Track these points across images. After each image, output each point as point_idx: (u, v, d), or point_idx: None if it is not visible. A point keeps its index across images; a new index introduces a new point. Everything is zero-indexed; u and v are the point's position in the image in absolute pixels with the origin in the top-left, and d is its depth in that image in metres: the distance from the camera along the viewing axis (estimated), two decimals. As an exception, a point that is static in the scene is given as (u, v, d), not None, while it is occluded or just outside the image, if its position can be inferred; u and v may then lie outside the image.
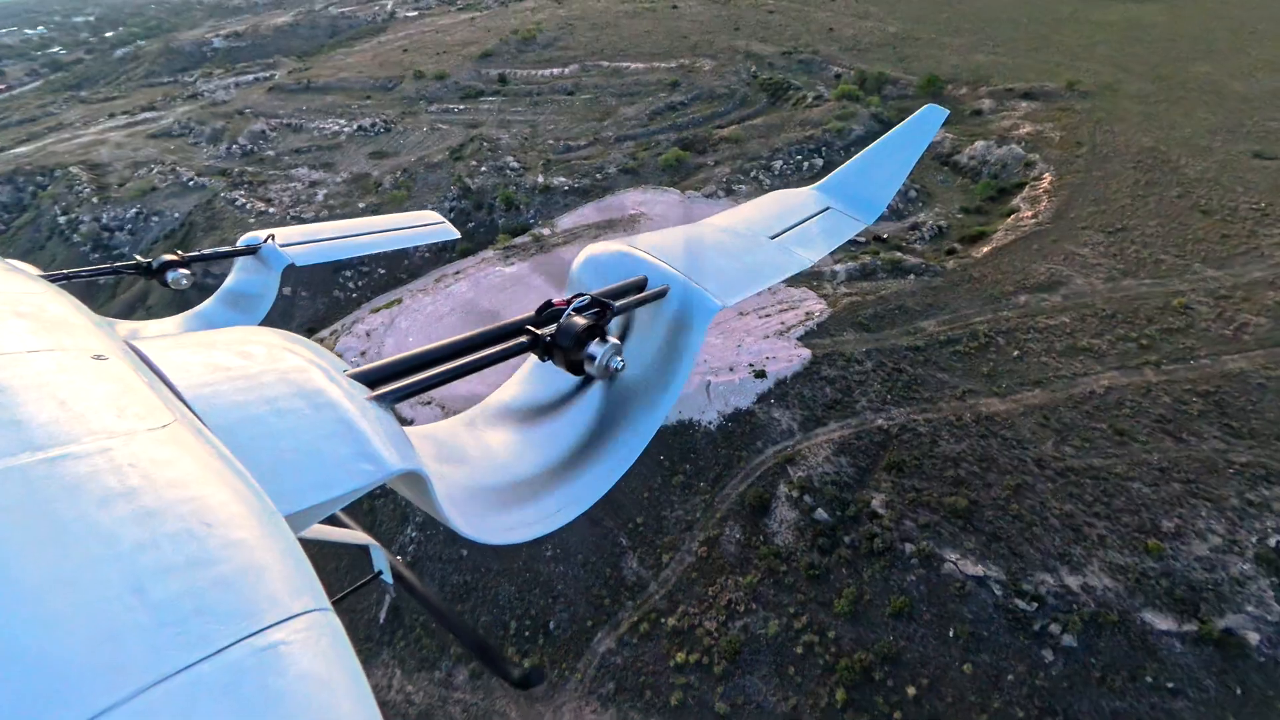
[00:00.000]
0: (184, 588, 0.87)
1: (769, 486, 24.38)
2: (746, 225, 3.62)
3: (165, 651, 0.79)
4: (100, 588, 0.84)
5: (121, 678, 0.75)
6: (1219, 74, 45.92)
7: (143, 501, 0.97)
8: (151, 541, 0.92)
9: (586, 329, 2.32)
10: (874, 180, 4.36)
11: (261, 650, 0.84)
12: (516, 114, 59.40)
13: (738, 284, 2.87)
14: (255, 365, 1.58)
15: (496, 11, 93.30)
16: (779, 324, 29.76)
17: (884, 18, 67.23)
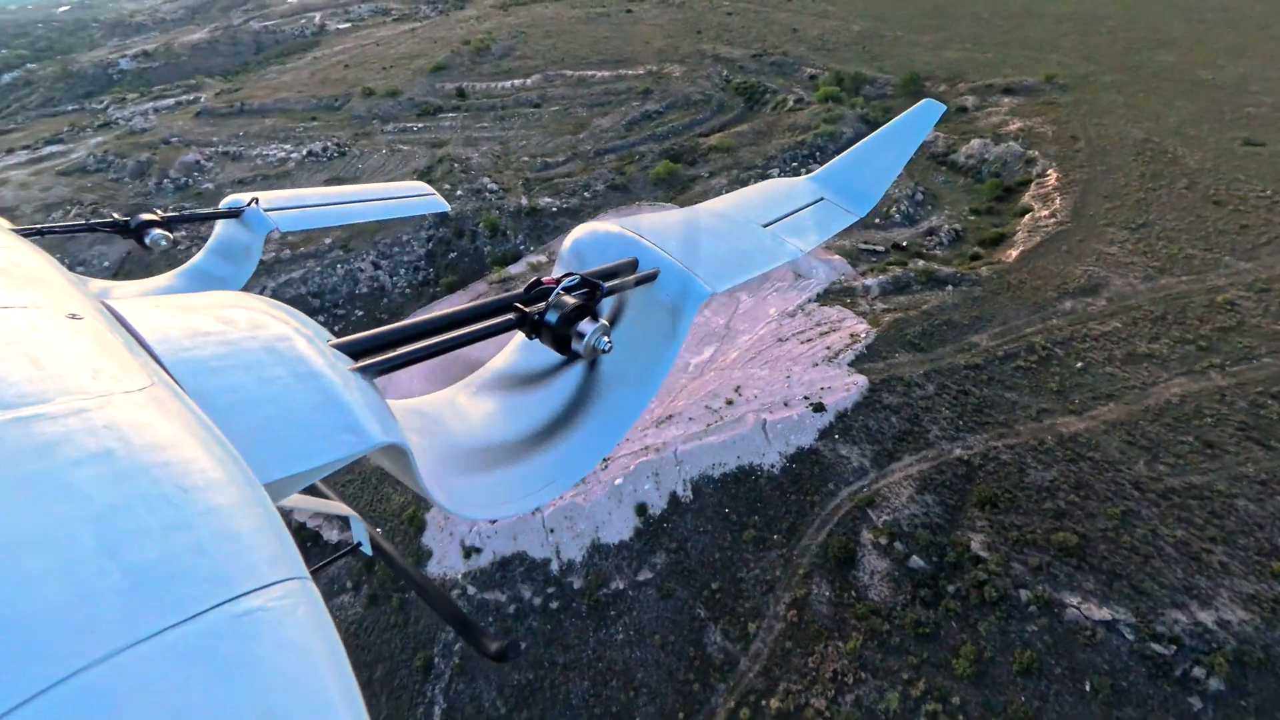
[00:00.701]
0: (159, 552, 0.85)
1: (851, 534, 22.40)
2: (739, 212, 3.43)
3: (139, 615, 0.78)
4: (73, 549, 0.82)
5: (94, 639, 0.74)
6: (1184, 63, 47.24)
7: (118, 464, 0.94)
8: (126, 505, 0.89)
9: (575, 309, 2.26)
10: (868, 173, 4.16)
11: (238, 616, 0.83)
12: (482, 130, 55.72)
13: (729, 270, 2.80)
14: (236, 331, 1.53)
15: (437, 21, 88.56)
16: (824, 349, 27.87)
17: (846, 16, 66.98)
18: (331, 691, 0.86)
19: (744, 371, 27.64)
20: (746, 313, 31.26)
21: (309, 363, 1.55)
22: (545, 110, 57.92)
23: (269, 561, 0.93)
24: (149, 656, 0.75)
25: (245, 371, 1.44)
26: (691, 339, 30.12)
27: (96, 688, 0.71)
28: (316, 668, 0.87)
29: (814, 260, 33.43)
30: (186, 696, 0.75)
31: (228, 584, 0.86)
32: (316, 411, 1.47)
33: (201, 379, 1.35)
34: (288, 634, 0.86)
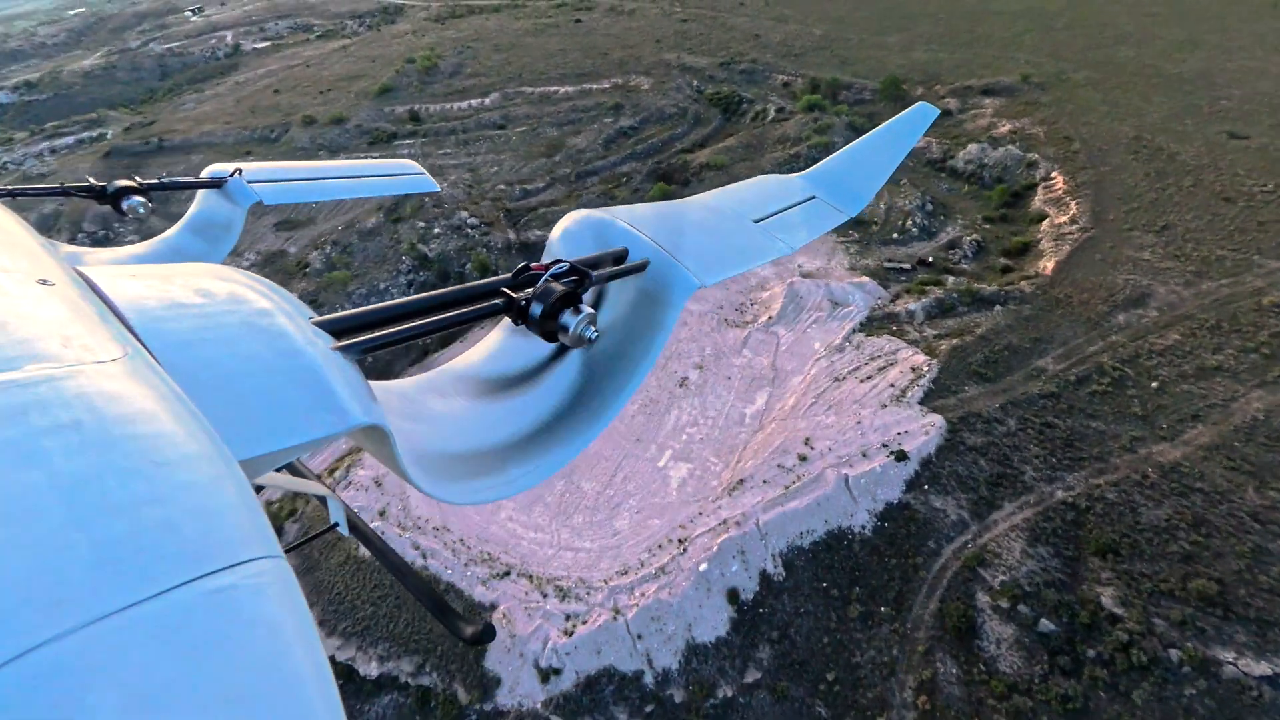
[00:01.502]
0: (130, 526, 0.84)
1: (965, 598, 20.55)
2: (731, 206, 3.36)
3: (107, 588, 0.77)
4: (40, 519, 0.81)
5: (59, 612, 0.73)
6: (1144, 57, 48.62)
7: (89, 436, 0.92)
8: (97, 477, 0.88)
9: (563, 296, 2.21)
10: (861, 174, 3.99)
11: (209, 593, 0.82)
12: (446, 157, 51.45)
13: (719, 264, 2.76)
14: (215, 304, 1.51)
15: (369, 38, 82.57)
16: (889, 386, 26.02)
17: (804, 20, 66.30)
18: (303, 671, 0.84)
19: (809, 420, 25.43)
20: (790, 349, 29.11)
21: (289, 339, 1.51)
22: (511, 131, 54.17)
23: (242, 539, 0.91)
24: (117, 631, 0.74)
25: (223, 346, 1.42)
26: (739, 385, 27.67)
27: (62, 660, 0.70)
28: (288, 647, 0.85)
29: (847, 286, 31.68)
30: (154, 672, 0.73)
31: (199, 560, 0.84)
32: (296, 389, 1.44)
33: (177, 352, 1.32)
34: (259, 612, 0.85)
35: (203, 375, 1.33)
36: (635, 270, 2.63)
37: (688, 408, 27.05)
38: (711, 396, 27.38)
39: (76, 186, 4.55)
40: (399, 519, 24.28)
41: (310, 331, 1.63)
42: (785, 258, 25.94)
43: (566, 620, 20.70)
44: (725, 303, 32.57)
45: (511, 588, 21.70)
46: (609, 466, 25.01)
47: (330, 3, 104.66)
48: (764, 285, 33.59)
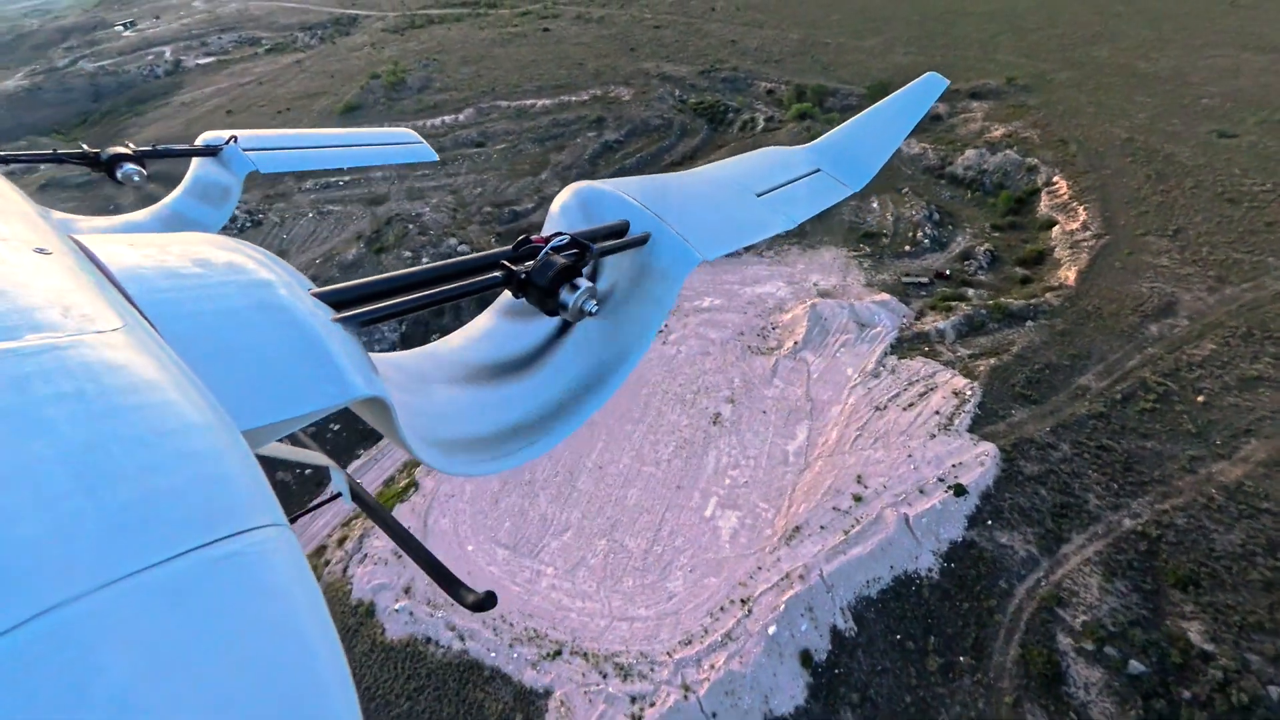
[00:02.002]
0: (136, 493, 0.85)
1: (1046, 641, 19.62)
2: (734, 179, 3.30)
3: (115, 554, 0.78)
4: (46, 486, 0.82)
5: (69, 577, 0.74)
6: (1119, 56, 49.46)
7: (92, 405, 0.92)
8: (102, 445, 0.88)
9: (563, 269, 2.17)
10: (867, 146, 3.90)
11: (217, 560, 0.83)
12: (424, 179, 48.74)
13: (721, 238, 2.72)
14: (214, 273, 1.50)
15: (325, 52, 78.50)
16: (934, 414, 25.04)
17: (779, 25, 65.66)
18: (311, 636, 0.85)
19: (857, 456, 24.23)
20: (822, 376, 27.91)
21: (290, 310, 1.51)
22: (491, 149, 51.76)
23: (247, 507, 0.92)
24: (126, 595, 0.75)
25: (223, 317, 1.41)
26: (776, 419, 26.29)
27: (73, 624, 0.70)
28: (295, 613, 0.86)
29: (871, 305, 30.70)
30: (164, 636, 0.74)
31: (206, 528, 0.85)
32: (297, 360, 1.43)
33: (177, 322, 1.32)
34: (267, 579, 0.86)
35: (203, 346, 1.31)
36: (636, 244, 2.61)
37: (726, 447, 25.54)
38: (749, 434, 25.94)
39: (70, 153, 4.49)
40: (427, 595, 22.06)
41: (311, 303, 1.62)
42: (800, 275, 24.46)
43: (633, 704, 18.92)
44: (746, 328, 31.22)
45: (565, 669, 19.79)
46: (652, 520, 23.31)
47: (276, 14, 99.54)
48: (783, 307, 32.38)
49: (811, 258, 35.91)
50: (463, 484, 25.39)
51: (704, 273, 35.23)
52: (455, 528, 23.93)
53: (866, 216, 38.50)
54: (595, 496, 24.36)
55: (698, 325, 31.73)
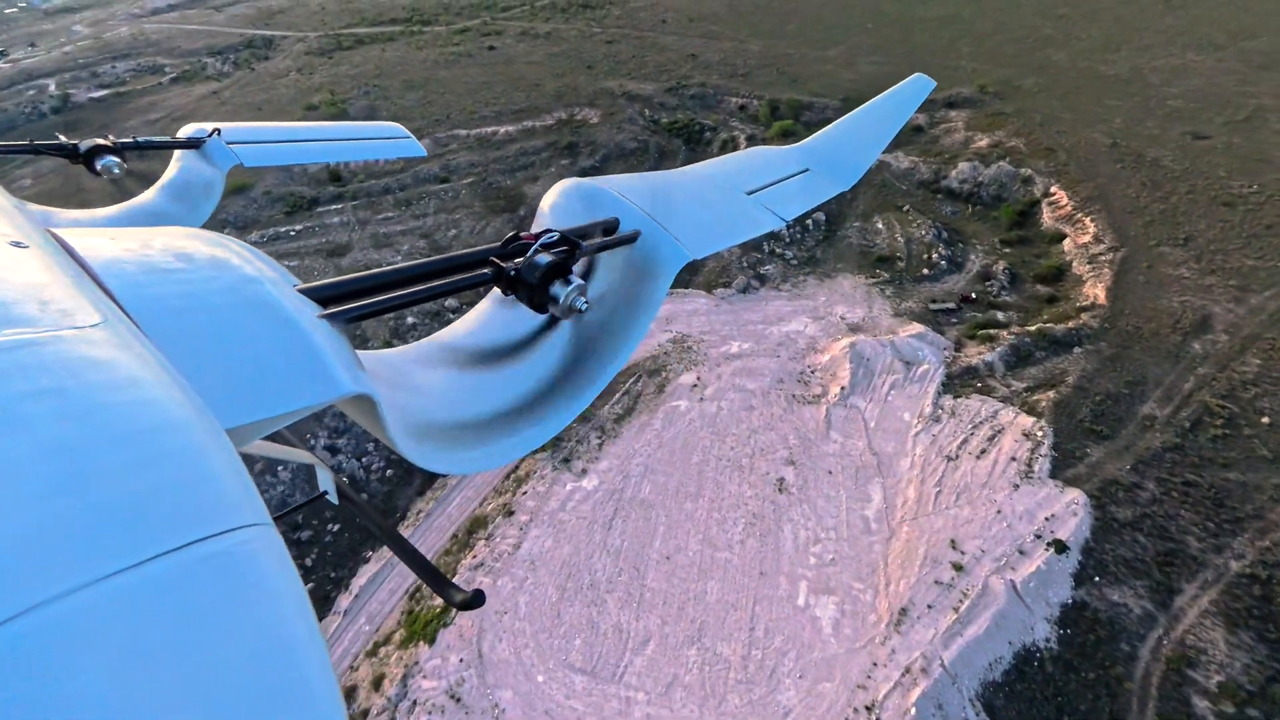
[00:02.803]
0: (118, 492, 0.84)
1: (1182, 707, 18.56)
2: (724, 177, 3.33)
3: (97, 553, 0.77)
4: (26, 485, 0.81)
5: (53, 575, 0.73)
6: (1078, 60, 50.83)
7: (73, 402, 0.91)
8: (83, 443, 0.87)
9: (552, 266, 2.19)
10: (856, 146, 3.94)
11: (200, 559, 0.82)
12: (389, 222, 44.32)
13: (711, 236, 2.76)
14: (198, 269, 1.48)
15: (244, 80, 71.41)
16: (1010, 460, 23.82)
17: (736, 37, 64.42)
18: (297, 636, 0.84)
19: (943, 517, 22.66)
20: (879, 425, 26.29)
21: (276, 306, 1.49)
22: (458, 183, 47.76)
23: (231, 506, 0.91)
24: (108, 595, 0.73)
25: (208, 313, 1.39)
26: (844, 479, 24.40)
27: (53, 624, 0.69)
28: (280, 612, 0.85)
29: (911, 340, 29.39)
30: (147, 636, 0.73)
31: (189, 527, 0.84)
32: (283, 357, 1.42)
33: (159, 318, 1.30)
34: (250, 580, 0.85)
35: (186, 342, 1.28)
36: (626, 241, 2.59)
37: (799, 519, 23.44)
38: (820, 500, 23.95)
39: (47, 145, 4.46)
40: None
41: (296, 299, 1.58)
42: (824, 308, 22.51)
43: None
44: (784, 374, 29.27)
45: (687, 822, 17.13)
46: (742, 618, 20.91)
47: (176, 37, 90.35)
48: (815, 346, 30.66)
49: (831, 288, 34.42)
50: (515, 596, 22.15)
51: (724, 314, 33.12)
52: (518, 655, 20.71)
53: (874, 239, 37.43)
54: (671, 595, 21.72)
55: (732, 375, 29.54)
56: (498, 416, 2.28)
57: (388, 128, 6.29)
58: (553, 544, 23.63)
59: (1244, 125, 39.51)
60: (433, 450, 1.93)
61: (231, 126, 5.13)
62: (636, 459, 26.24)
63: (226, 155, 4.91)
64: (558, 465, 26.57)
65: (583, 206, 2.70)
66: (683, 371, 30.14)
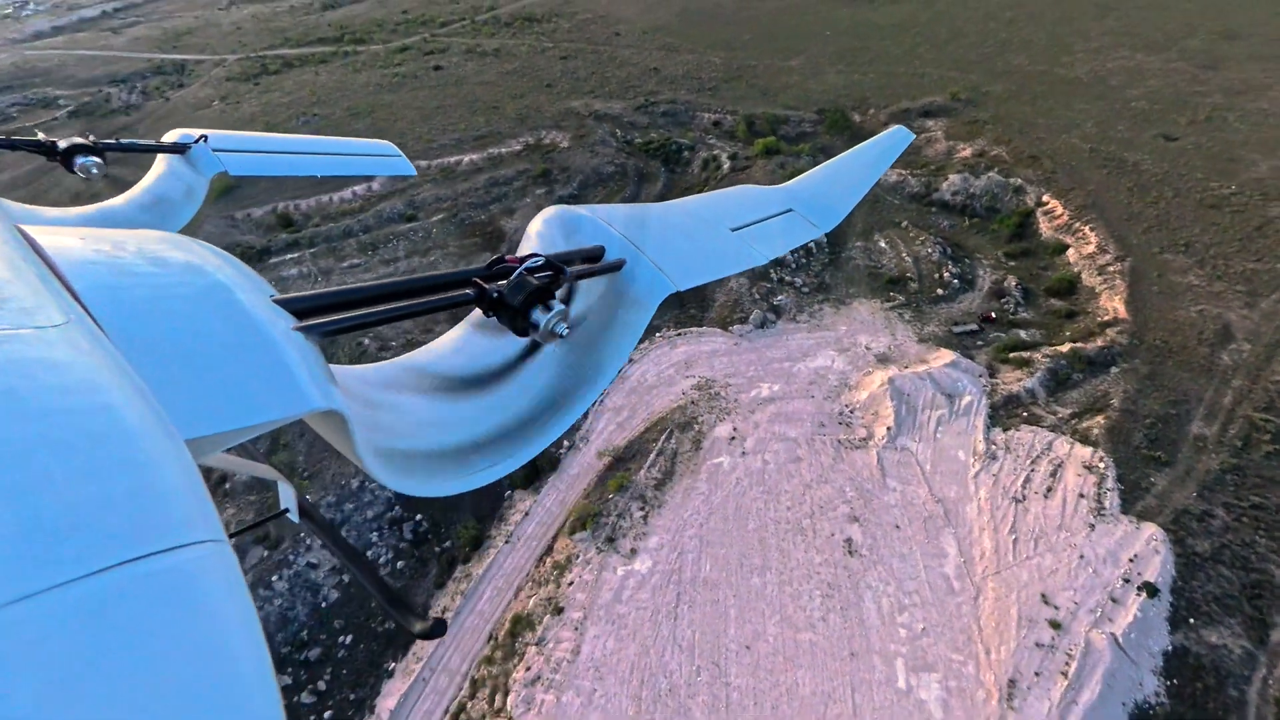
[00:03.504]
0: (61, 502, 0.80)
1: (1303, 752, 18.10)
2: (710, 213, 3.43)
3: (31, 567, 0.73)
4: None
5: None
6: (1037, 64, 52.00)
7: (21, 404, 0.87)
8: (27, 448, 0.83)
9: (536, 290, 2.21)
10: (837, 191, 4.11)
11: (145, 577, 0.78)
12: (355, 270, 40.30)
13: (696, 269, 2.83)
14: (169, 273, 1.44)
15: (156, 112, 64.48)
16: (1079, 497, 23.09)
17: (695, 48, 62.97)
18: (242, 663, 0.81)
19: (1026, 568, 21.62)
20: (935, 468, 25.15)
21: (248, 315, 1.46)
22: (427, 222, 44.12)
23: (184, 521, 0.87)
24: (40, 612, 0.69)
25: (176, 318, 1.35)
26: (914, 533, 23.06)
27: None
28: (227, 638, 0.82)
29: (949, 371, 28.48)
30: (79, 658, 0.69)
31: (136, 541, 0.80)
32: (252, 368, 1.38)
33: (126, 322, 1.26)
34: (198, 599, 0.81)
35: (151, 348, 1.25)
36: (611, 269, 2.61)
37: (878, 584, 21.91)
38: (894, 560, 22.51)
39: (24, 140, 4.37)
40: None
41: (271, 309, 1.55)
42: (847, 339, 21.24)
43: None
44: (824, 417, 27.78)
45: None
46: (843, 712, 19.13)
47: (69, 64, 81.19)
48: (847, 381, 29.34)
49: (848, 315, 33.26)
50: (585, 716, 19.58)
51: (746, 352, 31.37)
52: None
53: (880, 259, 36.61)
54: (760, 692, 19.71)
55: (769, 422, 27.81)
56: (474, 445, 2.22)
57: (379, 145, 6.16)
58: (616, 644, 21.17)
59: (1206, 125, 41.02)
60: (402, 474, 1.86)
61: (220, 134, 5.00)
62: (688, 531, 24.08)
63: (212, 162, 4.76)
64: (601, 547, 24.09)
65: (568, 233, 2.71)
66: (716, 422, 28.19)
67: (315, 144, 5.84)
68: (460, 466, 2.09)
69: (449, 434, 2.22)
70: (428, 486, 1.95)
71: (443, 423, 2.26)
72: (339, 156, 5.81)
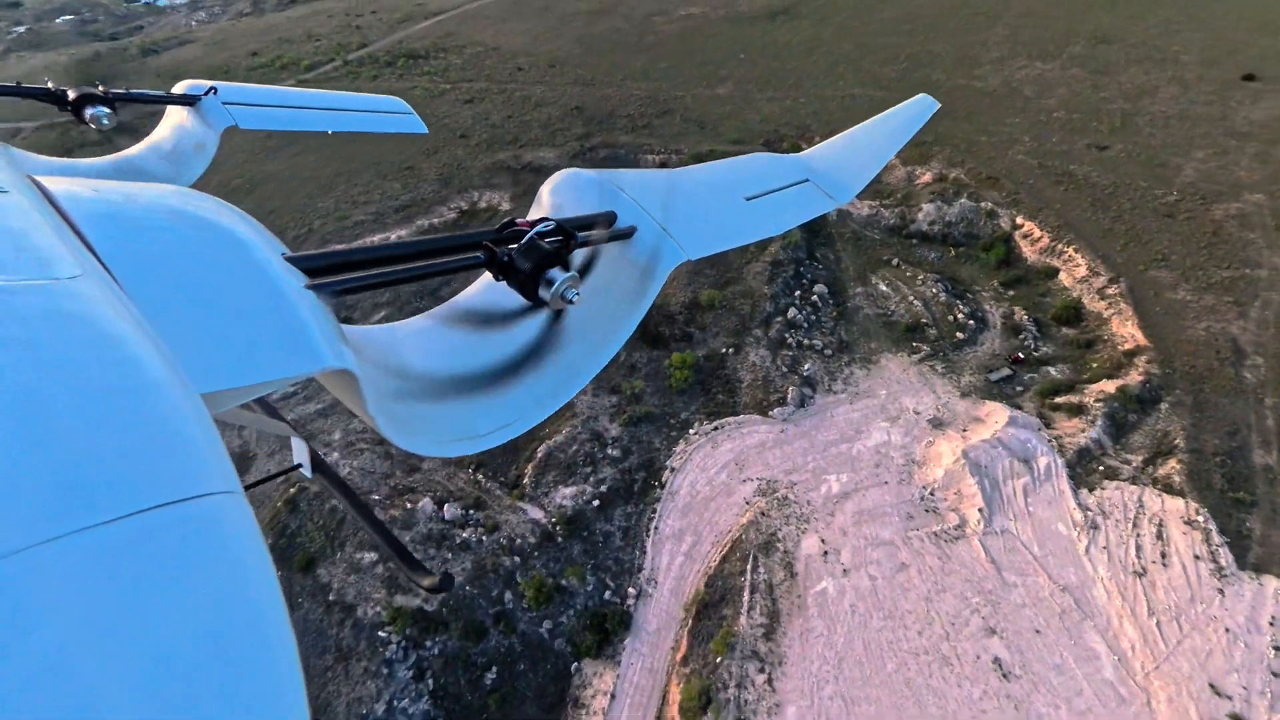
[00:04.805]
0: (87, 450, 0.82)
1: None
2: (724, 181, 3.35)
3: (57, 511, 0.75)
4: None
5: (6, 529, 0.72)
6: (953, 78, 53.73)
7: (42, 354, 0.88)
8: (50, 399, 0.84)
9: (547, 255, 2.22)
10: (856, 162, 4.00)
11: (165, 524, 0.80)
12: (305, 402, 32.67)
13: (707, 239, 2.79)
14: (184, 228, 1.44)
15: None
16: (1194, 558, 22.62)
17: (611, 81, 59.18)
18: (260, 607, 0.82)
19: (1181, 657, 20.60)
20: (1043, 549, 23.79)
21: (262, 273, 1.45)
22: (366, 323, 36.93)
23: (201, 472, 0.89)
24: (66, 554, 0.72)
25: (190, 273, 1.35)
26: (1057, 637, 21.42)
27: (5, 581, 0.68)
28: (244, 584, 0.83)
29: (1016, 434, 27.37)
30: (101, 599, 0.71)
31: (155, 490, 0.82)
32: (265, 325, 1.38)
33: (140, 276, 1.25)
34: (216, 547, 0.83)
35: (166, 302, 1.24)
36: (622, 236, 2.59)
37: (1047, 709, 19.96)
38: (1051, 675, 20.68)
39: (34, 88, 4.31)
40: None
41: (284, 267, 1.53)
42: (891, 404, 19.75)
43: None
44: (909, 507, 25.63)
45: None
46: None
47: None
48: (913, 458, 27.47)
49: (882, 376, 31.52)
50: None
51: (795, 439, 28.57)
52: None
53: (886, 304, 35.36)
54: None
55: (855, 526, 25.20)
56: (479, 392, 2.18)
57: (389, 101, 6.05)
58: None
59: (1124, 132, 43.95)
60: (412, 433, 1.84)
61: (231, 86, 4.95)
62: (825, 690, 20.81)
63: (222, 115, 4.75)
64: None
65: (581, 198, 2.68)
66: (799, 536, 25.11)
67: (325, 99, 5.61)
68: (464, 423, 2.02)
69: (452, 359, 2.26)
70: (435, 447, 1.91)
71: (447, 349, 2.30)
72: (349, 112, 5.53)
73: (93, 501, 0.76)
